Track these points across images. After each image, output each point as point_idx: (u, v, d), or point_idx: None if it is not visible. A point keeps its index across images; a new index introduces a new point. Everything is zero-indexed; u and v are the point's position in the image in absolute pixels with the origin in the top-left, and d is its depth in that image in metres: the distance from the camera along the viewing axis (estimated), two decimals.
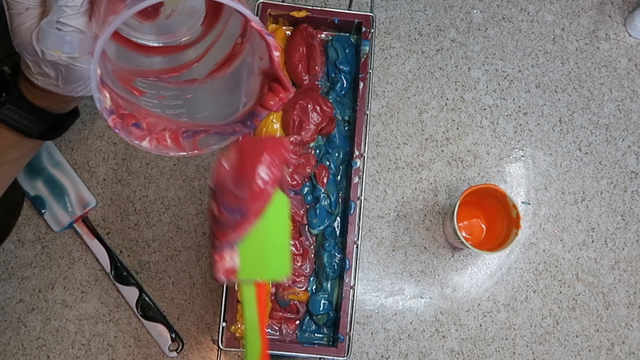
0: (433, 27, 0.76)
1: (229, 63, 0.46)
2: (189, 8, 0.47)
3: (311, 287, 0.64)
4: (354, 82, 0.67)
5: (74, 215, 0.68)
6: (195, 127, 0.44)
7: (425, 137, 0.73)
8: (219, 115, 0.45)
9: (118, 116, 0.39)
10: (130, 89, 0.44)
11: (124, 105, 0.40)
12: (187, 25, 0.47)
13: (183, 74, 0.47)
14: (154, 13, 0.46)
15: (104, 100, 0.37)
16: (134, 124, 0.40)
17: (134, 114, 0.41)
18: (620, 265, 0.71)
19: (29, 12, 0.39)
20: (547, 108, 0.74)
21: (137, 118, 0.41)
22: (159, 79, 0.46)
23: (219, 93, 0.46)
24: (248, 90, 0.43)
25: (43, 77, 0.41)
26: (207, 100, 0.47)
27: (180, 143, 0.42)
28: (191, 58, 0.48)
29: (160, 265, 0.68)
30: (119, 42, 0.46)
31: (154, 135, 0.41)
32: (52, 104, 0.45)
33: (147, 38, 0.46)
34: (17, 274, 0.67)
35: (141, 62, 0.46)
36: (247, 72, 0.44)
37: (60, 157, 0.69)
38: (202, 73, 0.47)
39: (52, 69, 0.40)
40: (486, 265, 0.71)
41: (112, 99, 0.38)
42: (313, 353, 0.59)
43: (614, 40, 0.77)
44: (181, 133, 0.43)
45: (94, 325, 0.67)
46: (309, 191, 0.65)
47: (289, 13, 0.65)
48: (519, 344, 0.69)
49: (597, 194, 0.73)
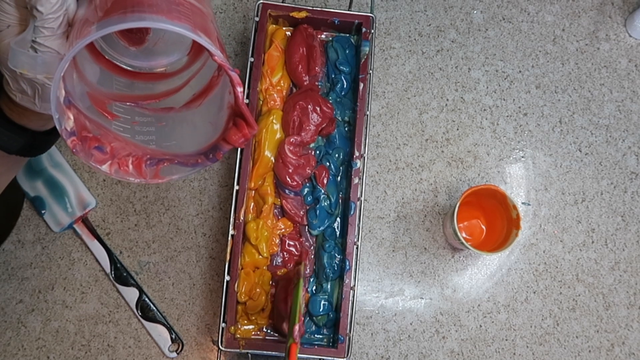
0: (433, 27, 0.76)
1: (205, 95, 0.46)
2: (176, 38, 0.48)
3: (311, 288, 0.64)
4: (354, 82, 0.67)
5: (74, 215, 0.68)
6: (160, 155, 0.44)
7: (426, 137, 0.73)
8: (188, 145, 0.46)
9: (79, 138, 0.40)
10: (103, 112, 0.44)
11: (90, 128, 0.41)
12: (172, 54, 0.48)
13: (161, 102, 0.48)
14: (140, 40, 0.47)
15: (65, 122, 0.38)
16: (96, 147, 0.41)
17: (100, 137, 0.42)
18: (620, 266, 0.71)
19: (9, 30, 0.39)
20: (547, 109, 0.74)
21: (101, 141, 0.41)
22: (136, 104, 0.47)
23: (191, 124, 0.47)
24: (217, 124, 0.44)
25: (21, 94, 0.41)
26: (179, 129, 0.48)
27: (142, 170, 0.43)
28: (172, 87, 0.48)
29: (160, 266, 0.68)
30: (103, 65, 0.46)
31: (116, 159, 0.42)
32: (31, 122, 0.46)
33: (131, 63, 0.47)
34: (17, 274, 0.67)
35: (122, 87, 0.47)
36: (218, 106, 0.44)
37: (60, 158, 0.69)
38: (179, 102, 0.48)
39: (29, 87, 0.41)
40: (486, 266, 0.71)
41: (76, 121, 0.39)
42: (313, 354, 0.59)
43: (614, 41, 0.77)
44: (145, 160, 0.44)
45: (94, 326, 0.67)
46: (309, 192, 0.65)
47: (289, 14, 0.65)
48: (519, 345, 0.69)
49: (597, 194, 0.73)
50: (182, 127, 0.48)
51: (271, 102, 0.66)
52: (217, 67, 0.45)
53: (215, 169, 0.71)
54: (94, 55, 0.46)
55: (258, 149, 0.64)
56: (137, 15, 0.34)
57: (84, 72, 0.43)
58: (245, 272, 0.62)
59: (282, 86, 0.67)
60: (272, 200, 0.64)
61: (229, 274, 0.60)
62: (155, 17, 0.34)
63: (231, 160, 0.71)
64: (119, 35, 0.46)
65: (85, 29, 0.35)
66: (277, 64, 0.66)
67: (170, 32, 0.47)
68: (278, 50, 0.67)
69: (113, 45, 0.46)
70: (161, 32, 0.47)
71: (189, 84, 0.48)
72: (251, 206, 0.64)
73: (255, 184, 0.64)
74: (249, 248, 0.62)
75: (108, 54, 0.47)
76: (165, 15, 0.35)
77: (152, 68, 0.48)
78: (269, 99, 0.66)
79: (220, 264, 0.68)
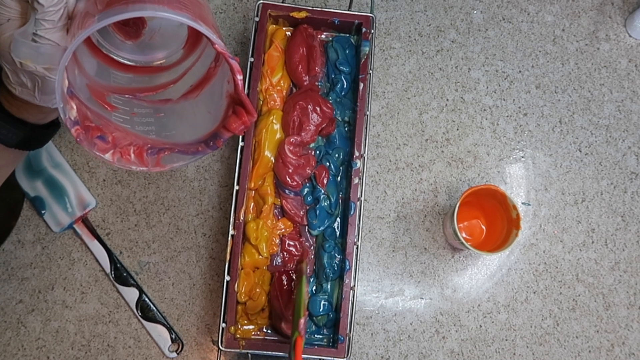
0: (433, 27, 0.76)
1: (202, 86, 0.47)
2: (172, 31, 0.48)
3: (311, 288, 0.64)
4: (354, 82, 0.67)
5: (74, 216, 0.68)
6: (160, 145, 0.45)
7: (426, 137, 0.73)
8: (187, 135, 0.46)
9: (82, 127, 0.40)
10: (103, 104, 0.45)
11: (92, 118, 0.42)
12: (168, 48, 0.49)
13: (158, 94, 0.48)
14: (136, 33, 0.47)
15: (68, 111, 0.38)
16: (98, 136, 0.42)
17: (102, 127, 0.42)
18: (620, 266, 0.71)
19: (10, 23, 0.40)
20: (547, 109, 0.74)
21: (103, 131, 0.42)
22: (134, 96, 0.47)
23: (190, 114, 0.47)
24: (216, 113, 0.44)
25: (21, 87, 0.42)
26: (178, 120, 0.48)
27: (144, 159, 0.44)
28: (169, 79, 0.49)
29: (160, 266, 0.68)
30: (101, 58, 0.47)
31: (118, 149, 0.43)
32: (30, 115, 0.46)
33: (127, 57, 0.48)
34: (17, 274, 0.67)
35: (119, 80, 0.48)
36: (217, 95, 0.45)
37: (60, 158, 0.69)
38: (177, 94, 0.48)
39: (29, 80, 0.41)
40: (486, 266, 0.70)
41: (79, 111, 0.40)
42: (313, 354, 0.59)
43: (614, 41, 0.77)
44: (146, 149, 0.44)
45: (94, 326, 0.67)
46: (309, 192, 0.65)
47: (289, 14, 0.65)
48: (519, 345, 0.69)
49: (597, 194, 0.73)
50: (181, 118, 0.48)
51: (271, 102, 0.66)
52: (214, 58, 0.46)
53: (215, 169, 0.71)
54: (91, 49, 0.46)
55: (258, 149, 0.64)
56: (138, 5, 0.35)
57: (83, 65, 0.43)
58: (245, 272, 0.62)
59: (282, 86, 0.67)
60: (272, 200, 0.64)
61: (229, 274, 0.60)
62: (157, 7, 0.35)
63: (231, 160, 0.71)
64: (115, 29, 0.47)
65: (87, 20, 0.36)
66: (277, 64, 0.66)
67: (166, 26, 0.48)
68: (278, 50, 0.67)
69: (109, 39, 0.47)
70: (157, 26, 0.48)
71: (185, 76, 0.48)
72: (251, 206, 0.64)
73: (255, 184, 0.64)
74: (249, 248, 0.62)
75: (105, 48, 0.47)
76: (166, 5, 0.35)
77: (148, 62, 0.49)
78: (269, 99, 0.66)
79: (220, 264, 0.68)
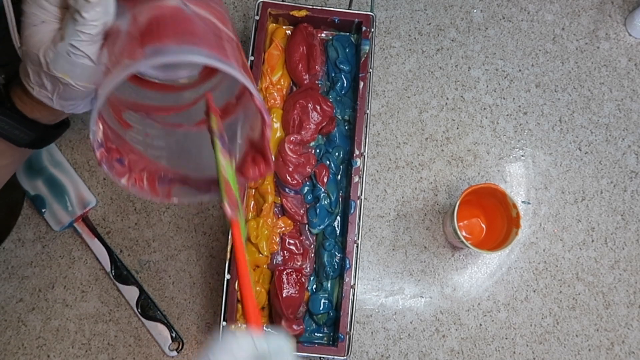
0: (433, 26, 0.76)
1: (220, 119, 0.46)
2: None
3: (311, 287, 0.64)
4: (354, 81, 0.67)
5: (74, 214, 0.68)
6: (172, 174, 0.44)
7: (425, 136, 0.73)
8: (196, 167, 0.45)
9: (105, 149, 0.40)
10: (119, 120, 0.44)
11: (112, 138, 0.41)
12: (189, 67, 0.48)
13: (171, 116, 0.47)
14: None
15: (97, 132, 0.38)
16: (117, 159, 0.41)
17: (119, 148, 0.42)
18: (620, 264, 0.71)
19: (44, 26, 0.39)
20: (547, 107, 0.74)
21: (121, 153, 0.41)
22: (147, 114, 0.46)
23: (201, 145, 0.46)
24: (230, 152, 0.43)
25: (40, 87, 0.41)
26: (189, 149, 0.47)
27: (156, 187, 0.43)
28: (184, 102, 0.48)
29: (161, 264, 0.68)
30: None
31: (134, 174, 0.42)
32: (43, 116, 0.46)
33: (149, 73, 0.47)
34: (18, 273, 0.67)
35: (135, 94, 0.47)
36: (233, 134, 0.44)
37: (61, 157, 0.69)
38: (190, 120, 0.47)
39: (50, 83, 0.40)
40: (486, 264, 0.71)
41: (104, 131, 0.39)
42: (313, 352, 0.59)
43: (614, 40, 0.77)
44: (158, 177, 0.43)
45: (94, 325, 0.67)
46: (309, 190, 0.65)
47: (289, 12, 0.65)
48: (519, 344, 0.69)
49: (597, 193, 0.73)
50: (191, 148, 0.47)
51: (271, 100, 0.66)
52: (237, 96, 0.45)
53: None
54: None
55: None
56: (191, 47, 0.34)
57: None
58: None
59: (282, 85, 0.67)
60: (272, 198, 0.64)
61: (229, 273, 0.60)
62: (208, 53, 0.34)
63: None
64: None
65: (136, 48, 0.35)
66: (277, 62, 0.66)
67: None
68: (278, 49, 0.67)
69: None
70: None
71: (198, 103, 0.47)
72: (251, 205, 0.64)
73: (255, 183, 0.64)
74: (249, 247, 0.62)
75: None
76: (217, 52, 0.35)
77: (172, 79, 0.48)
78: (269, 98, 0.66)
79: (220, 263, 0.68)
